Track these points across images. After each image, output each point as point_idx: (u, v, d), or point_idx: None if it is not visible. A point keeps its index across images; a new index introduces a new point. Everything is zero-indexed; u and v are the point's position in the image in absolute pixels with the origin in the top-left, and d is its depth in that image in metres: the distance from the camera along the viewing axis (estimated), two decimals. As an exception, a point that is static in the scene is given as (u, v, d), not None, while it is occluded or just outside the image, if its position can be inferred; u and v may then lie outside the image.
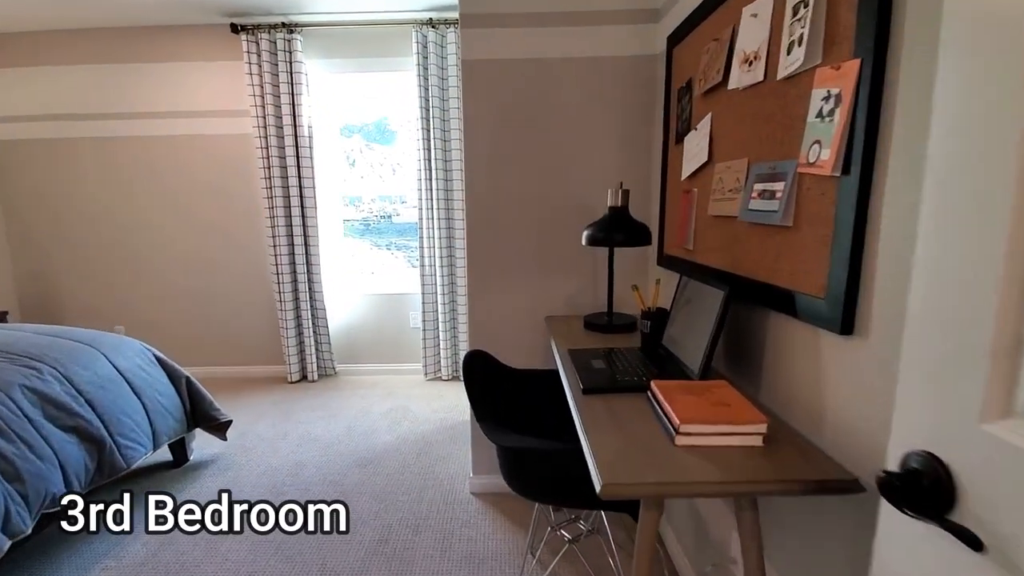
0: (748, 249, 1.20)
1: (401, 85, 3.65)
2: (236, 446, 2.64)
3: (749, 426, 0.90)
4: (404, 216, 4.01)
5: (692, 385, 1.07)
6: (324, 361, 3.73)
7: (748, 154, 1.20)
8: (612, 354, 1.40)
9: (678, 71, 1.69)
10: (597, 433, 0.98)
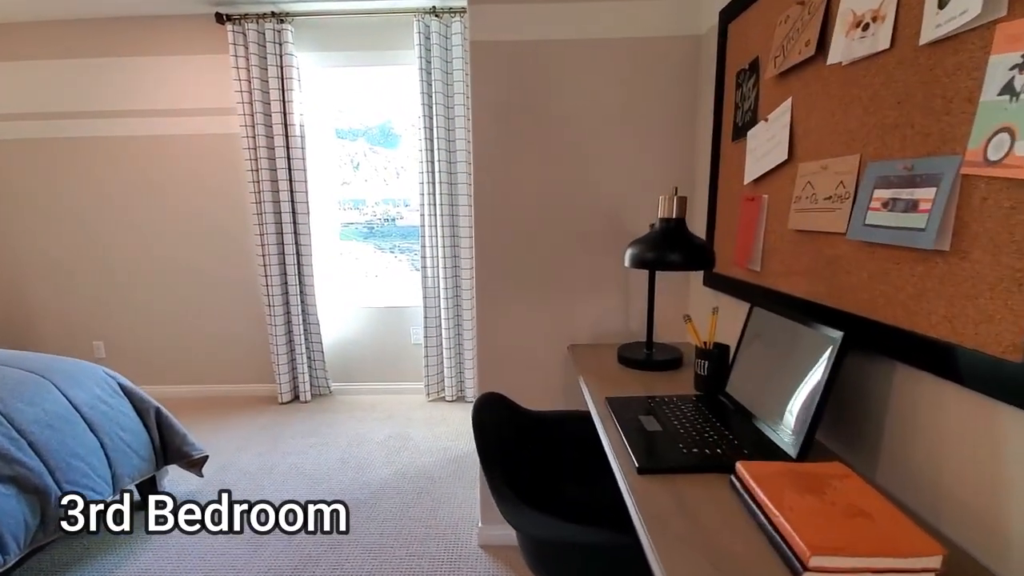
0: (861, 278, 0.89)
1: (401, 81, 3.36)
2: (215, 482, 2.34)
3: (915, 559, 0.60)
4: (408, 219, 3.80)
5: (799, 472, 0.76)
6: (317, 380, 3.43)
7: (860, 149, 0.89)
8: (664, 406, 1.09)
9: (736, 51, 1.38)
10: (667, 544, 0.67)
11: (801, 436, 0.84)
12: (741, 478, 0.78)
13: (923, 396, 0.78)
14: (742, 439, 0.93)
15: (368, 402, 3.33)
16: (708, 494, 0.79)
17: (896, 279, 0.81)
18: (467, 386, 3.33)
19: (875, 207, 0.84)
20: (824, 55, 0.98)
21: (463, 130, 3.06)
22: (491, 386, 1.79)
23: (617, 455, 0.91)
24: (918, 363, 0.78)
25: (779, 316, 1.00)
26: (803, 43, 1.04)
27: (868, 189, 0.86)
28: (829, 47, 0.96)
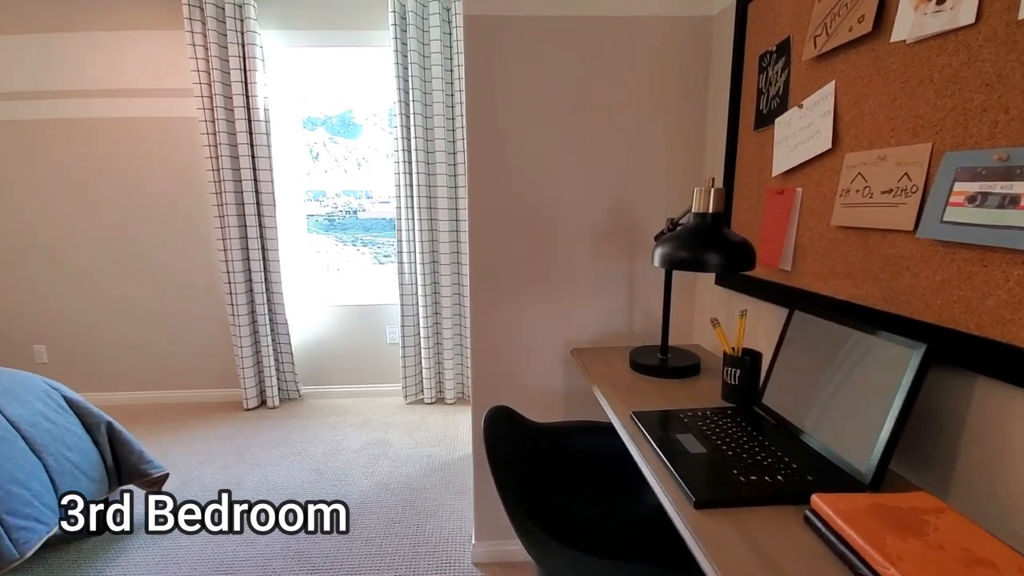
0: (932, 282, 0.80)
1: (375, 64, 3.17)
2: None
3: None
4: (371, 212, 3.65)
5: (886, 506, 0.66)
6: (286, 383, 3.22)
7: (932, 137, 0.80)
8: (699, 421, 0.99)
9: (758, 32, 1.28)
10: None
11: (875, 461, 0.75)
12: (821, 514, 0.67)
13: (1017, 415, 0.69)
14: (799, 462, 0.83)
15: (341, 406, 3.15)
16: (782, 532, 0.69)
17: (982, 284, 0.72)
18: (447, 387, 3.18)
19: (957, 202, 0.74)
20: (884, 32, 0.88)
21: (442, 117, 2.90)
22: (486, 392, 1.67)
23: (663, 485, 0.80)
24: (1012, 378, 0.69)
25: (834, 323, 0.91)
26: (855, 19, 0.94)
27: (946, 182, 0.76)
28: (892, 23, 0.86)
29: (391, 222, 3.58)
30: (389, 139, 3.43)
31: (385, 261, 3.66)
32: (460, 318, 3.14)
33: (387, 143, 3.46)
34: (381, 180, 3.49)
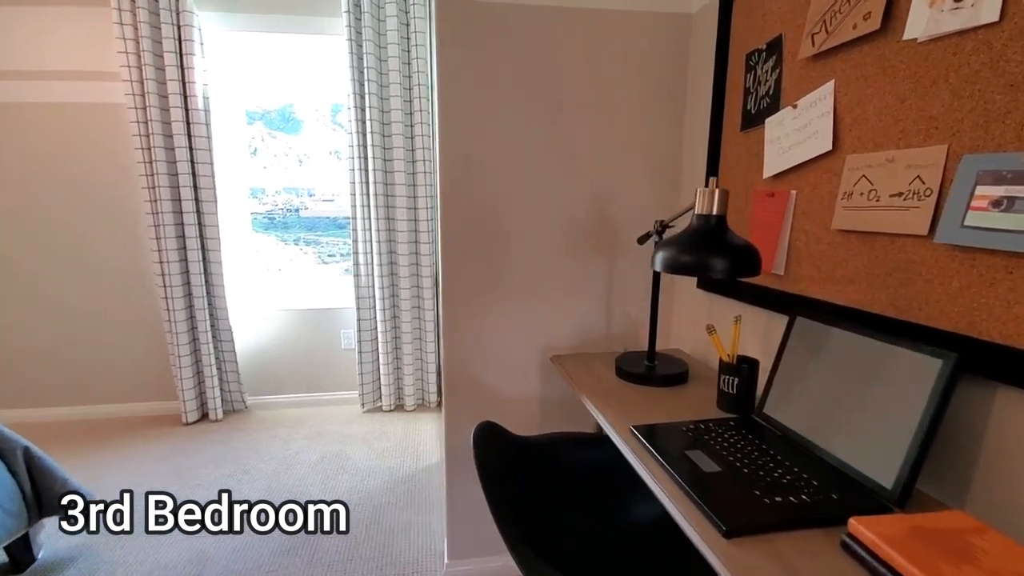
0: (949, 288, 0.78)
1: (321, 54, 2.99)
2: (104, 534, 1.90)
3: None
4: (313, 210, 3.48)
5: (928, 529, 0.62)
6: (230, 394, 2.98)
7: (947, 139, 0.78)
8: (704, 435, 0.94)
9: (745, 30, 1.25)
10: None
11: (903, 477, 0.71)
12: (862, 540, 0.63)
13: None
14: (819, 478, 0.78)
15: (293, 416, 2.95)
16: (819, 560, 0.64)
17: (1007, 291, 0.70)
18: (406, 394, 3.05)
19: (980, 206, 0.72)
20: (893, 30, 0.85)
21: (400, 112, 2.76)
22: (461, 401, 1.57)
23: (685, 513, 0.73)
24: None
25: (845, 331, 0.87)
26: (860, 16, 0.91)
27: (966, 185, 0.74)
28: (902, 21, 0.83)
29: (335, 221, 3.43)
30: (333, 136, 3.27)
31: (329, 261, 3.50)
32: (420, 321, 3.02)
33: (331, 140, 3.29)
34: (324, 178, 3.30)
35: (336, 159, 3.40)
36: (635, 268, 1.58)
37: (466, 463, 1.61)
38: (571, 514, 1.20)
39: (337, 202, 3.54)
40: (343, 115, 2.81)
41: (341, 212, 3.46)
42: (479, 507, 1.62)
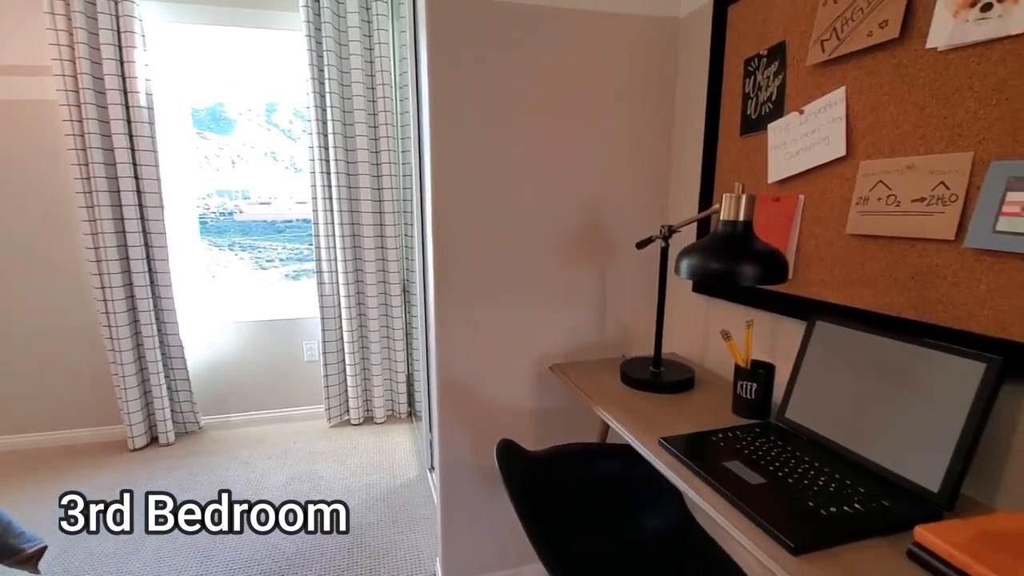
0: (977, 292, 0.79)
1: (279, 50, 2.83)
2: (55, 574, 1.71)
3: None
4: (248, 213, 3.31)
5: (995, 534, 0.63)
6: (182, 414, 2.76)
7: (973, 146, 0.79)
8: (737, 444, 0.92)
9: (742, 35, 1.26)
10: None
11: (950, 481, 0.72)
12: (933, 548, 0.62)
13: (1084, 425, 0.70)
14: (864, 485, 0.78)
15: (253, 435, 2.76)
16: (884, 571, 0.63)
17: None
18: (376, 405, 2.92)
19: (1012, 211, 0.74)
20: (911, 38, 0.87)
21: (364, 112, 2.65)
22: (453, 414, 1.50)
23: (742, 530, 0.71)
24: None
25: (874, 335, 0.88)
26: (875, 24, 0.92)
27: (996, 191, 0.76)
28: (921, 29, 0.85)
29: (274, 224, 3.25)
30: (268, 136, 3.10)
31: (268, 267, 3.32)
32: (388, 330, 2.90)
33: (266, 141, 3.12)
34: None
35: (272, 160, 3.22)
36: (627, 274, 1.57)
37: (461, 479, 1.54)
38: (578, 528, 1.16)
39: (275, 205, 3.36)
40: (307, 115, 2.65)
41: (279, 215, 3.30)
42: (475, 524, 1.56)
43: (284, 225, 3.42)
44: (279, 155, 3.28)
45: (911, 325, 0.89)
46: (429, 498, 2.15)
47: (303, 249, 3.38)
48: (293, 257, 3.42)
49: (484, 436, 1.54)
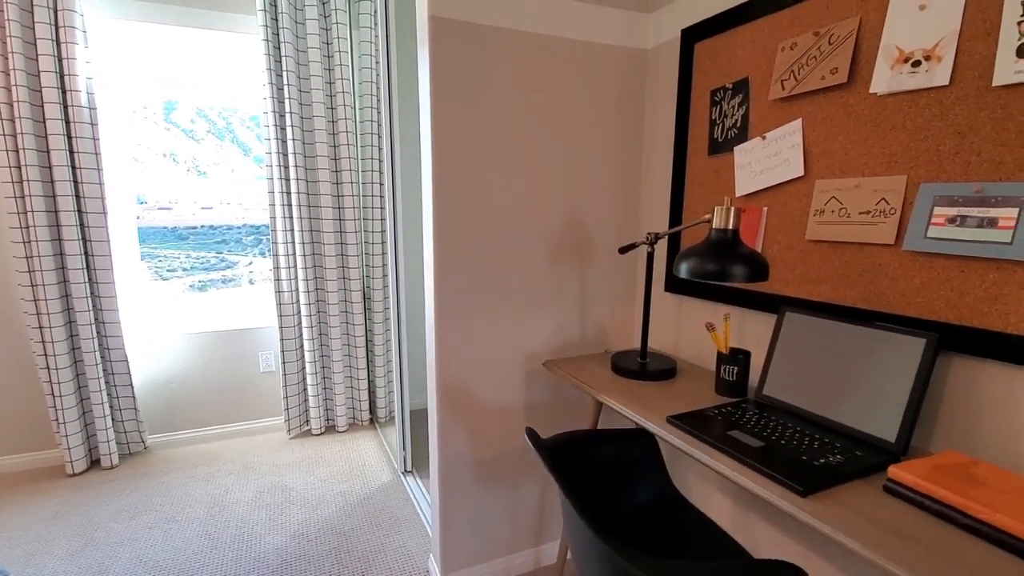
0: (912, 284, 1.01)
1: (240, 52, 2.76)
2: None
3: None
4: (147, 219, 2.99)
5: (942, 466, 0.83)
6: (126, 433, 2.59)
7: (906, 171, 1.02)
8: (732, 417, 1.09)
9: (708, 70, 1.46)
10: (916, 562, 0.66)
11: (904, 433, 0.92)
12: (904, 482, 0.81)
13: (992, 383, 0.92)
14: (839, 441, 0.97)
15: (207, 452, 2.64)
16: (874, 503, 0.81)
17: (960, 285, 0.95)
18: (338, 414, 2.90)
19: (938, 222, 0.96)
20: (856, 83, 1.09)
21: (323, 119, 2.65)
22: (451, 412, 1.58)
23: (756, 482, 0.87)
24: (988, 354, 0.91)
25: (836, 321, 1.08)
26: (827, 70, 1.14)
27: (925, 206, 0.98)
28: (865, 76, 1.07)
29: (175, 231, 3.01)
30: (167, 136, 2.87)
31: (169, 276, 3.10)
32: (350, 337, 2.89)
33: (163, 140, 2.89)
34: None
35: (172, 162, 3.01)
36: (603, 277, 1.73)
37: (457, 474, 1.62)
38: (592, 502, 1.29)
39: (176, 210, 3.14)
40: (263, 120, 2.60)
41: (181, 221, 3.07)
42: (469, 517, 1.65)
43: (188, 232, 3.21)
44: (180, 157, 3.00)
45: (860, 312, 1.11)
46: (407, 500, 2.19)
47: (209, 258, 3.16)
48: (199, 266, 3.19)
49: (479, 432, 1.63)
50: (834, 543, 1.18)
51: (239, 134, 3.03)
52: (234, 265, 3.12)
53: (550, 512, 1.79)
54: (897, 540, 0.72)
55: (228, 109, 2.96)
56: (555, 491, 1.78)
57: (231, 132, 3.01)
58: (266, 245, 3.11)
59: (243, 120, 3.03)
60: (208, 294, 3.05)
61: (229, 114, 2.98)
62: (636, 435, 1.37)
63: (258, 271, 3.15)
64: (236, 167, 3.02)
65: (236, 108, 2.98)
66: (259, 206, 3.08)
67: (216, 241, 3.09)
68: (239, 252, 3.14)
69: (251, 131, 3.05)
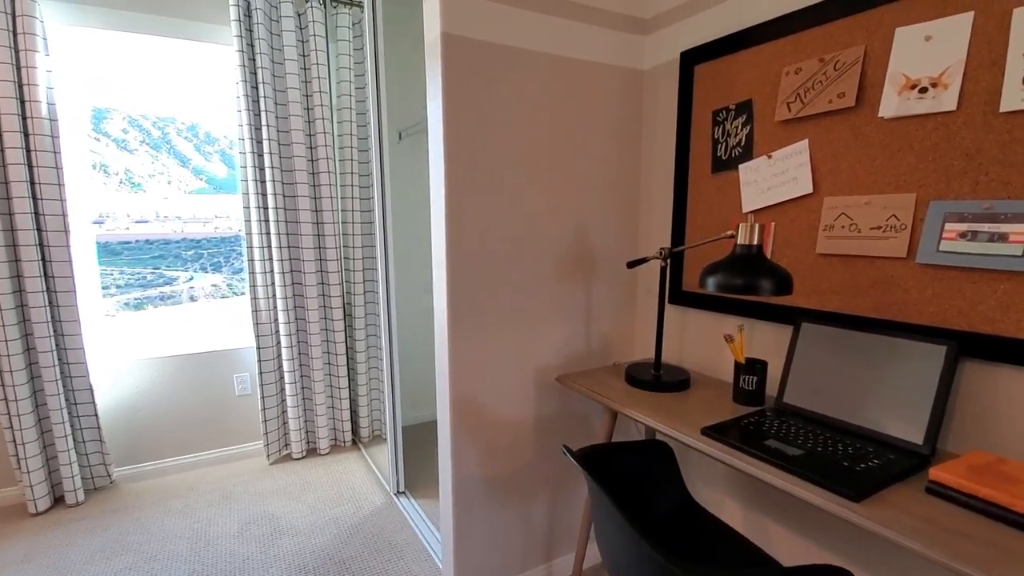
0: (924, 295, 1.08)
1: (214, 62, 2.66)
2: None
3: None
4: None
5: (975, 466, 0.88)
6: (90, 467, 2.40)
7: (915, 189, 1.09)
8: (762, 426, 1.13)
9: (709, 91, 1.52)
10: (970, 555, 0.71)
11: (931, 435, 0.98)
12: (946, 483, 0.86)
13: (1008, 385, 0.99)
14: (871, 445, 1.02)
15: (180, 483, 2.49)
16: (921, 503, 0.85)
17: (972, 295, 1.02)
18: (320, 436, 2.79)
19: (950, 237, 1.03)
20: (864, 107, 1.16)
21: (301, 132, 2.58)
22: (465, 429, 1.56)
23: (805, 490, 0.90)
24: (999, 359, 0.99)
25: (854, 331, 1.14)
26: (834, 94, 1.21)
27: (936, 222, 1.05)
28: (872, 101, 1.14)
29: (107, 246, 2.70)
30: (97, 146, 2.67)
31: (103, 294, 2.88)
32: (331, 356, 2.81)
33: (92, 151, 2.67)
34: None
35: (103, 174, 2.80)
36: (606, 291, 1.76)
37: (472, 492, 1.59)
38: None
39: (107, 224, 2.92)
40: (237, 133, 2.50)
41: (112, 235, 2.79)
42: (484, 535, 1.63)
43: (120, 247, 3.00)
44: (111, 168, 2.77)
45: (872, 321, 1.17)
46: (404, 523, 2.14)
47: (146, 274, 2.91)
48: (135, 283, 2.98)
49: (490, 449, 1.61)
50: (859, 544, 1.24)
51: (176, 144, 2.84)
52: (173, 281, 2.90)
53: (560, 526, 1.79)
54: (955, 538, 0.76)
55: (164, 119, 2.78)
56: (565, 505, 1.78)
57: (167, 143, 2.84)
58: (207, 260, 2.93)
59: (179, 130, 2.86)
60: (156, 313, 2.83)
61: (165, 124, 2.80)
62: (655, 446, 1.39)
63: (199, 288, 2.95)
64: (174, 179, 2.83)
65: (173, 118, 2.80)
66: (198, 219, 2.88)
67: (152, 256, 2.88)
68: (178, 267, 2.92)
69: (189, 142, 2.89)
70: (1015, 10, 0.94)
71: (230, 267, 2.98)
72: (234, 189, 2.88)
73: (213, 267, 2.93)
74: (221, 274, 2.96)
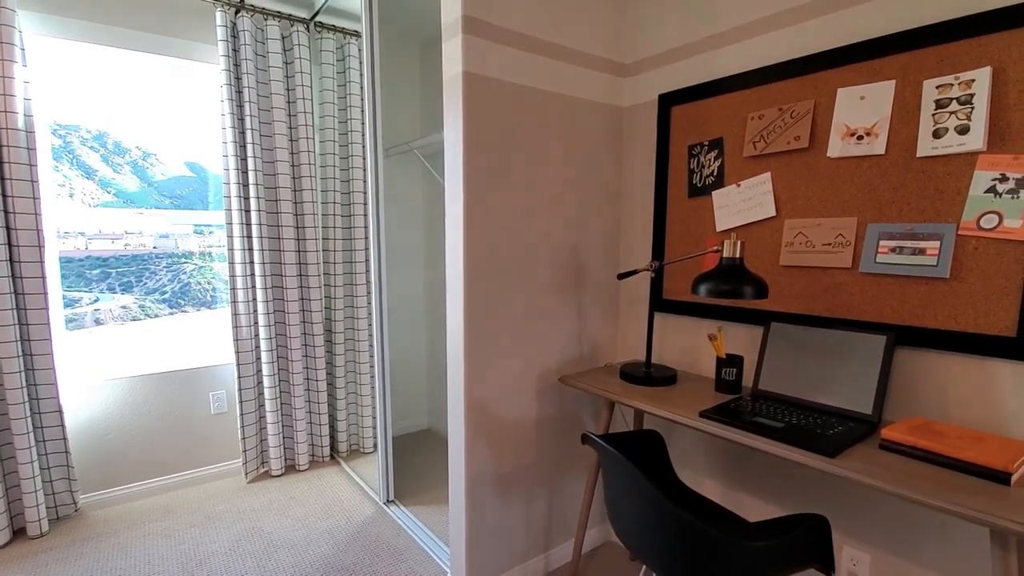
0: (865, 296, 1.37)
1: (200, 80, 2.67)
2: None
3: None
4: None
5: (915, 427, 1.15)
6: (55, 495, 2.29)
7: (856, 214, 1.38)
8: (749, 408, 1.36)
9: (685, 128, 1.79)
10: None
11: (878, 407, 1.25)
12: (897, 440, 1.12)
13: (929, 365, 1.28)
14: (833, 418, 1.28)
15: (156, 507, 2.42)
16: (878, 458, 1.10)
17: (900, 296, 1.31)
18: (299, 452, 2.79)
19: (883, 251, 1.33)
20: (815, 148, 1.45)
21: (285, 151, 2.65)
22: (477, 432, 1.70)
23: (791, 453, 1.13)
24: (922, 344, 1.28)
25: (815, 328, 1.41)
26: (791, 137, 1.50)
27: (873, 240, 1.35)
28: (822, 143, 1.44)
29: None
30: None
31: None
32: (311, 371, 2.83)
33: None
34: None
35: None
36: (592, 301, 1.97)
37: (483, 490, 1.72)
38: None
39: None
40: (220, 150, 2.53)
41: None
42: (493, 529, 1.76)
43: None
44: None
45: (825, 319, 1.45)
46: (400, 529, 2.21)
47: (79, 293, 2.61)
48: (65, 301, 2.58)
49: (499, 449, 1.76)
50: (819, 505, 1.49)
51: (80, 155, 2.59)
52: (75, 304, 2.59)
53: (557, 517, 1.95)
54: (906, 477, 1.01)
55: (67, 127, 2.54)
56: (561, 498, 1.95)
57: (70, 152, 2.57)
58: (115, 279, 2.72)
59: (84, 139, 2.69)
60: (118, 331, 2.64)
61: (68, 132, 2.55)
62: (649, 435, 1.60)
63: (105, 310, 2.68)
64: (76, 192, 2.58)
65: (77, 125, 2.55)
66: (105, 236, 2.66)
67: (82, 271, 2.63)
68: (82, 288, 2.62)
69: (95, 152, 2.70)
70: (924, 81, 1.25)
71: (142, 287, 2.76)
72: (147, 203, 2.74)
73: (123, 287, 2.72)
74: (131, 295, 2.73)
